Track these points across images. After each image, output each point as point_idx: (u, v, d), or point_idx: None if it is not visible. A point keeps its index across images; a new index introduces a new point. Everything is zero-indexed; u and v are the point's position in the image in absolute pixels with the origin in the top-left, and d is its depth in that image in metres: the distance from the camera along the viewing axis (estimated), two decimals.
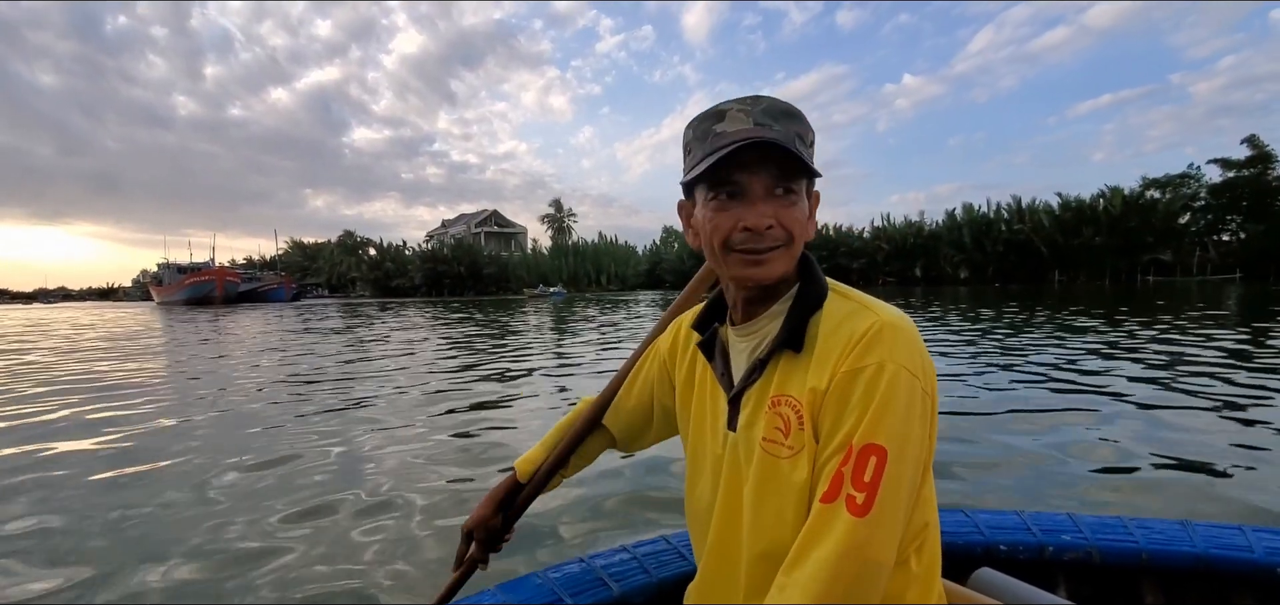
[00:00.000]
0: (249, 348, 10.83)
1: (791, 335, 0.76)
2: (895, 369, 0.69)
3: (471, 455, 3.58)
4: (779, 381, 0.77)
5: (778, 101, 0.77)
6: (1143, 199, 45.87)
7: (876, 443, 0.67)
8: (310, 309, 29.63)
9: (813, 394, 0.73)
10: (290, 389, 6.11)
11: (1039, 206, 49.93)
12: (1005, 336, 9.23)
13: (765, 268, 0.76)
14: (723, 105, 0.78)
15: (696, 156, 0.78)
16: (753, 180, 0.74)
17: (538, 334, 12.41)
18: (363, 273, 72.39)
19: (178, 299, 51.81)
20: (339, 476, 3.18)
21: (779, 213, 0.75)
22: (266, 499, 2.86)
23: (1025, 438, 3.65)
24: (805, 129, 0.77)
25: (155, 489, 3.06)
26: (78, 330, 16.94)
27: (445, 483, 3.06)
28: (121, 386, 6.51)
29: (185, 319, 21.94)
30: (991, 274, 49.60)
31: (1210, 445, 3.39)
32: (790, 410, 0.75)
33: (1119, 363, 6.41)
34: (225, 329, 15.80)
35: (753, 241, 0.75)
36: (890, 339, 0.70)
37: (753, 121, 0.74)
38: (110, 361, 8.98)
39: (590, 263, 70.69)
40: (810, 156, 0.77)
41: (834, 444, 0.70)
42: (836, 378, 0.71)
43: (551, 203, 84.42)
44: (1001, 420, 4.10)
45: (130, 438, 4.17)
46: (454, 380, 6.39)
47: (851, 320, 0.74)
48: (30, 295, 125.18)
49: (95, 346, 11.72)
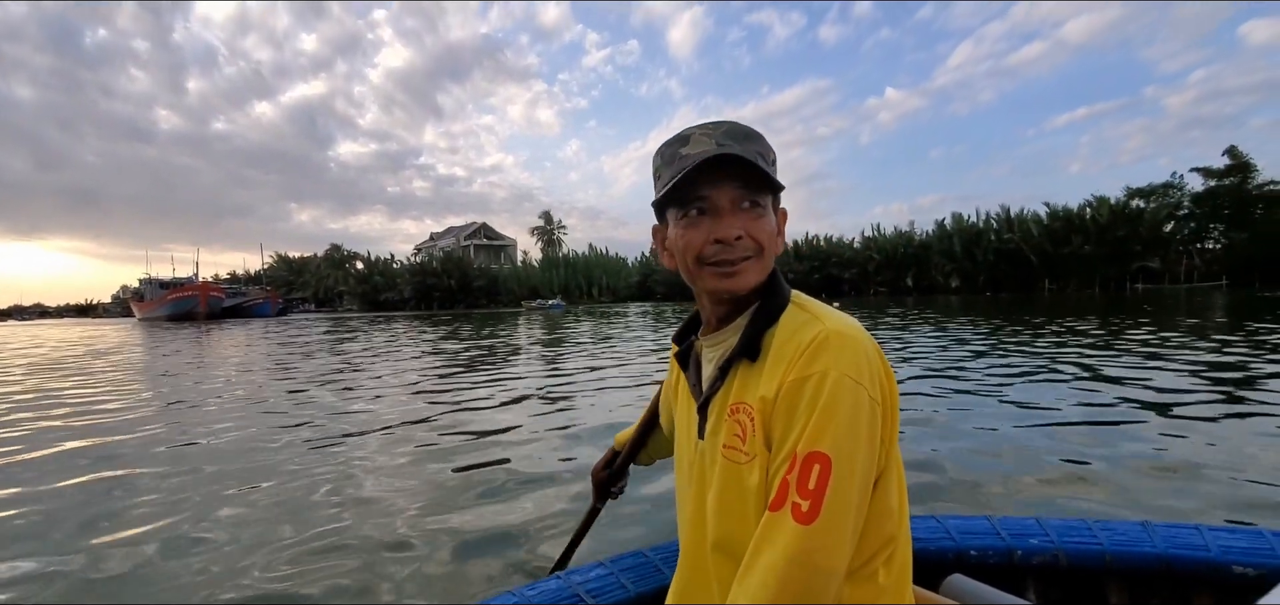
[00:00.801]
0: (231, 365, 10.30)
1: (748, 344, 0.81)
2: (838, 377, 0.71)
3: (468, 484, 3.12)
4: (737, 389, 0.81)
5: (738, 125, 0.82)
6: (1128, 208, 46.51)
7: (820, 450, 0.69)
8: (296, 324, 28.94)
9: (763, 401, 0.76)
10: (278, 411, 5.62)
11: (1027, 216, 50.44)
12: (1024, 345, 9.00)
13: (738, 278, 0.81)
14: (687, 131, 0.83)
15: (665, 179, 0.83)
16: (719, 195, 0.80)
17: (555, 350, 12.02)
18: (350, 287, 71.41)
19: (160, 315, 50.69)
20: (350, 511, 2.81)
21: (748, 225, 0.80)
22: (245, 538, 2.51)
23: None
24: (766, 149, 0.82)
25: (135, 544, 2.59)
26: (50, 348, 16.29)
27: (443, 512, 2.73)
28: (92, 408, 6.00)
29: (167, 336, 21.25)
30: (983, 283, 49.91)
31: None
32: (745, 417, 0.78)
33: (1151, 371, 6.18)
34: (208, 346, 15.22)
35: (724, 253, 0.80)
36: (836, 347, 0.73)
37: (715, 143, 0.79)
38: (78, 383, 8.48)
39: (582, 275, 70.35)
40: (773, 172, 0.82)
41: (782, 453, 0.72)
42: (784, 387, 0.74)
43: (541, 215, 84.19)
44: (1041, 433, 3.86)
45: (102, 463, 3.74)
46: (463, 409, 5.52)
47: (801, 331, 0.77)
48: (5, 312, 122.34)
49: (69, 365, 11.17)
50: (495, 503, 2.85)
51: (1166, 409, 4.33)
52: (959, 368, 6.69)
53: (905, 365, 7.15)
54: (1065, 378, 5.81)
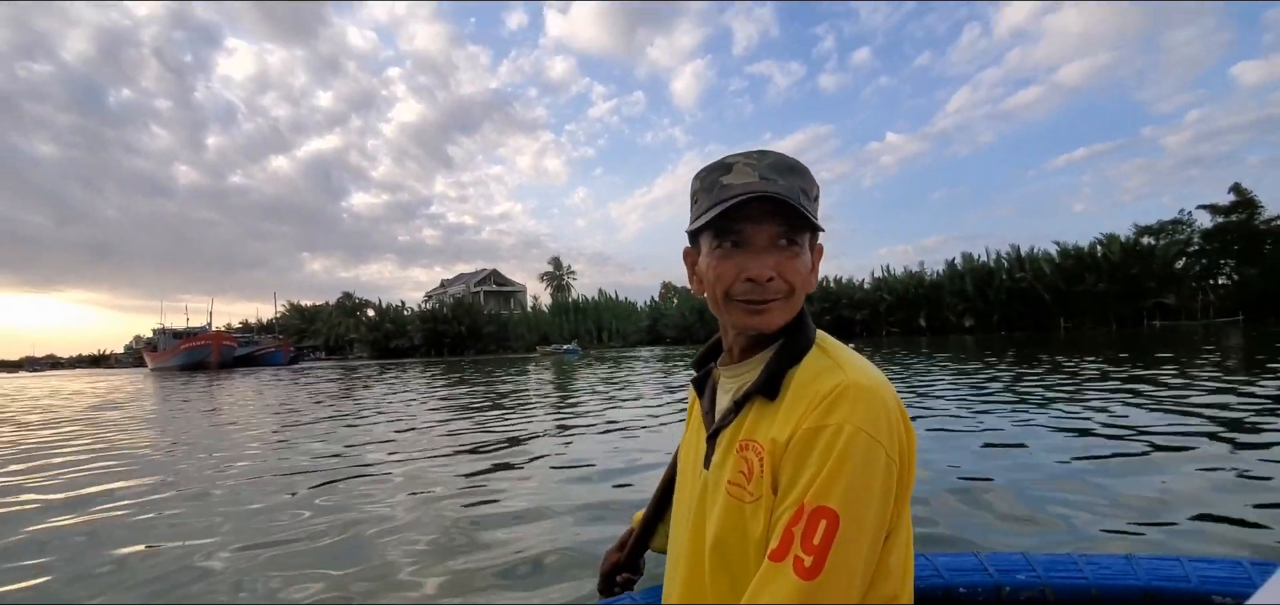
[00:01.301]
0: (238, 414, 10.24)
1: (768, 382, 0.78)
2: (854, 431, 0.68)
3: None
4: (749, 426, 0.79)
5: (784, 157, 0.80)
6: (1139, 245, 46.39)
7: (828, 506, 0.66)
8: (307, 373, 28.92)
9: (774, 444, 0.73)
10: (283, 460, 5.46)
11: (1038, 255, 50.37)
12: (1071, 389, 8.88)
13: (766, 317, 0.79)
14: (730, 158, 0.80)
15: (702, 206, 0.80)
16: (757, 231, 0.77)
17: (578, 397, 11.94)
18: (361, 334, 71.62)
19: (172, 365, 50.88)
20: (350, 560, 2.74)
21: (781, 265, 0.77)
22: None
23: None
24: (809, 184, 0.79)
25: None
26: (54, 400, 16.33)
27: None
28: (95, 458, 5.87)
29: (176, 385, 21.26)
30: (997, 322, 49.59)
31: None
32: (754, 456, 0.75)
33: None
34: (216, 395, 15.19)
35: (754, 292, 0.78)
36: (855, 399, 0.70)
37: (758, 175, 0.77)
38: (75, 431, 8.46)
39: (592, 320, 70.38)
40: (814, 211, 0.79)
41: (788, 500, 0.69)
42: (798, 433, 0.71)
43: (550, 260, 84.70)
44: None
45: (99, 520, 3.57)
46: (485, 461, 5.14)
47: (822, 377, 0.74)
48: (16, 363, 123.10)
49: (72, 416, 11.17)
50: (502, 554, 2.71)
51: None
52: (1026, 405, 6.61)
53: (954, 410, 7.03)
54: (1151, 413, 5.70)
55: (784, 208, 0.75)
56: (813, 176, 0.80)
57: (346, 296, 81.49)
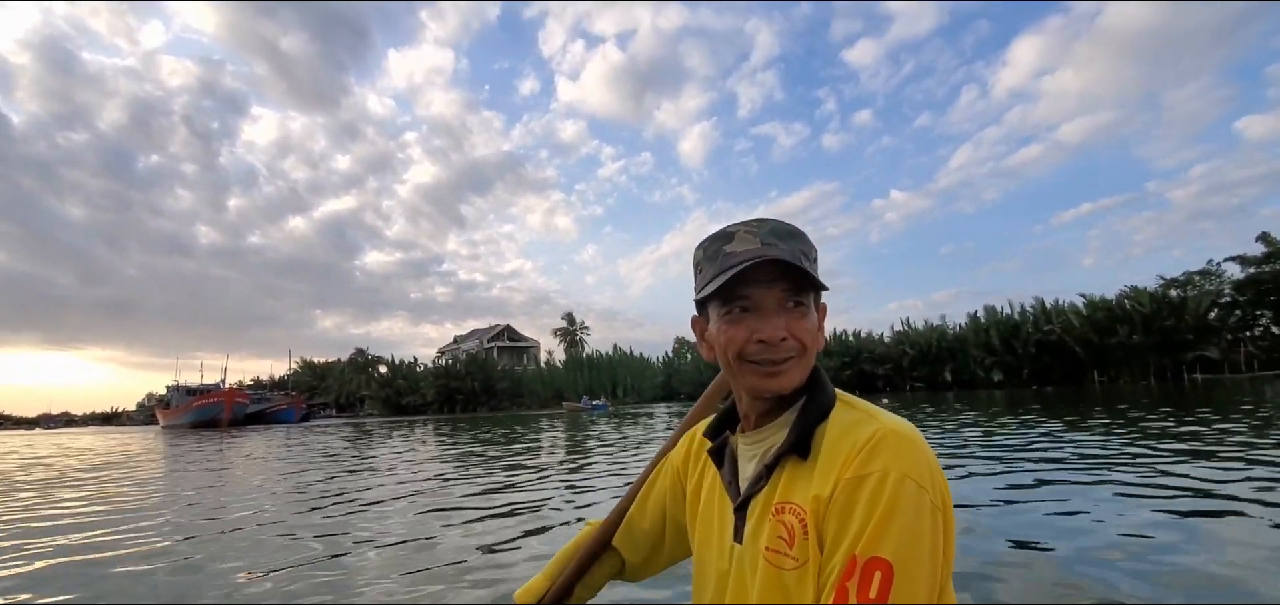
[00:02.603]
0: (247, 474, 9.39)
1: (799, 441, 0.76)
2: (899, 477, 0.66)
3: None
4: (784, 488, 0.76)
5: (782, 223, 0.81)
6: (1168, 297, 45.07)
7: (881, 557, 0.64)
8: (318, 431, 28.04)
9: (816, 501, 0.71)
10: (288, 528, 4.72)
11: (1065, 307, 49.07)
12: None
13: (781, 378, 0.78)
14: (730, 227, 0.82)
15: (707, 274, 0.81)
16: (765, 294, 0.78)
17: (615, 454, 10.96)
18: (373, 391, 70.88)
19: (184, 422, 50.22)
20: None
21: (791, 325, 0.78)
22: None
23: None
24: (809, 247, 0.81)
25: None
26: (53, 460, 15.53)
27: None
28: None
29: (186, 444, 20.44)
30: (1027, 376, 47.95)
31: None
32: (794, 518, 0.73)
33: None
34: (223, 456, 14.33)
35: (767, 353, 0.78)
36: (893, 446, 0.69)
37: (759, 241, 0.78)
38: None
39: (606, 375, 69.29)
40: (815, 271, 0.81)
41: (838, 555, 0.67)
42: (840, 485, 0.69)
43: (564, 316, 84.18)
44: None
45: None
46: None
47: (856, 429, 0.73)
48: (32, 420, 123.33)
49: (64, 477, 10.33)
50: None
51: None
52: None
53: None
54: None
55: (789, 269, 0.76)
56: (810, 239, 0.82)
57: (359, 353, 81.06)
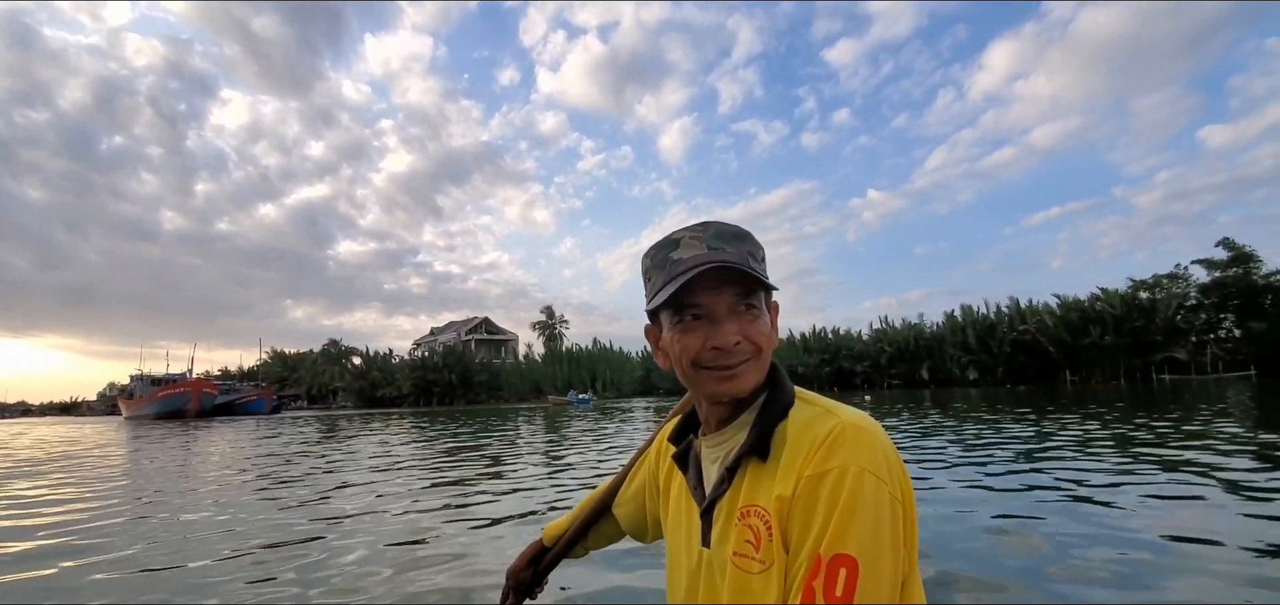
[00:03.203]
0: (207, 469, 8.85)
1: (758, 442, 0.77)
2: (858, 472, 0.67)
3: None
4: (747, 491, 0.76)
5: (726, 225, 0.81)
6: (1138, 299, 46.10)
7: (846, 553, 0.64)
8: (289, 423, 27.17)
9: (780, 501, 0.71)
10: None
11: (1039, 307, 49.96)
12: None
13: (737, 381, 0.78)
14: (676, 234, 0.82)
15: (657, 284, 0.81)
16: (715, 301, 0.77)
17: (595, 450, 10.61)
18: (347, 382, 69.48)
19: (148, 413, 48.59)
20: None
21: (744, 329, 0.77)
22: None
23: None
24: (755, 248, 0.81)
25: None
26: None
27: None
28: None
29: (151, 435, 19.59)
30: (1002, 375, 48.73)
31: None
32: (759, 521, 0.73)
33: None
34: (190, 449, 13.68)
35: (722, 359, 0.77)
36: (852, 440, 0.69)
37: (706, 246, 0.78)
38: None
39: (585, 369, 68.81)
40: (763, 272, 0.80)
41: (803, 553, 0.67)
42: (801, 482, 0.69)
43: (543, 310, 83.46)
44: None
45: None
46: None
47: (814, 424, 0.73)
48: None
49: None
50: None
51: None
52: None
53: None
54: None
55: (737, 274, 0.76)
56: (757, 240, 0.82)
57: (332, 343, 79.46)
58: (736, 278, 0.76)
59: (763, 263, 0.81)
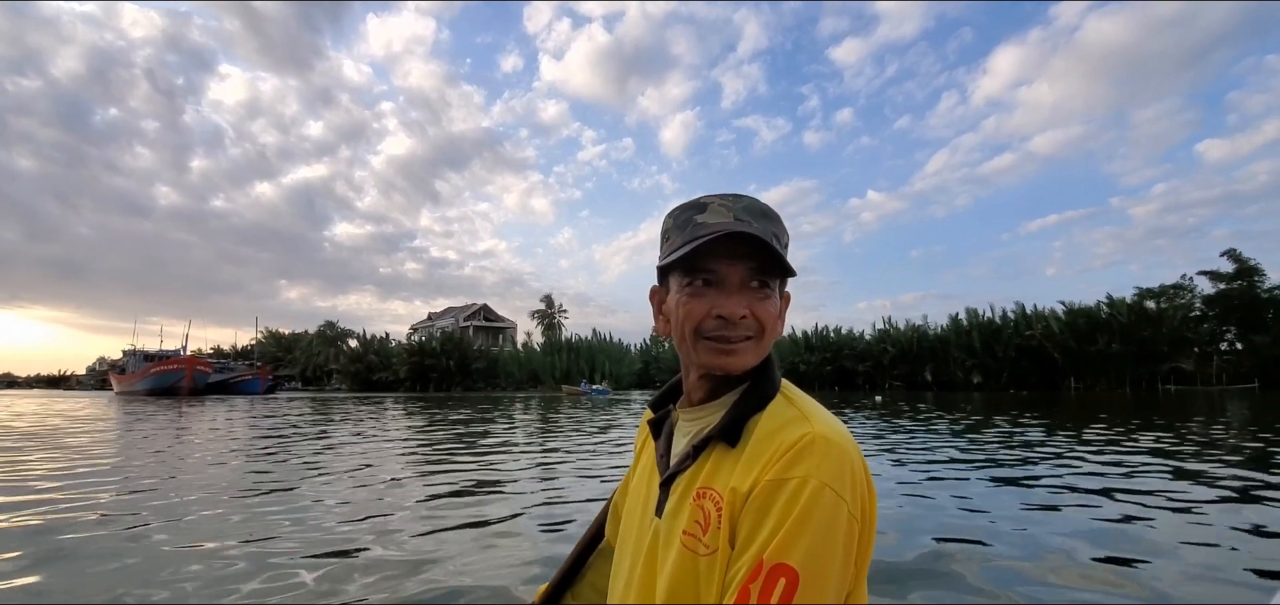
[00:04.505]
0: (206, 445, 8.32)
1: (729, 428, 0.75)
2: (818, 486, 0.65)
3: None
4: (708, 473, 0.75)
5: (757, 202, 0.79)
6: (1144, 308, 45.99)
7: (789, 563, 0.63)
8: (284, 403, 26.50)
9: (734, 494, 0.70)
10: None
11: (1046, 313, 49.76)
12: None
13: (735, 357, 0.77)
14: (705, 198, 0.80)
15: (675, 243, 0.79)
16: (730, 270, 0.76)
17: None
18: (342, 365, 68.58)
19: (140, 389, 47.63)
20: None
21: (753, 304, 0.76)
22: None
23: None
24: (781, 231, 0.79)
25: None
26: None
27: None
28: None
29: (143, 411, 18.92)
30: (1006, 379, 48.51)
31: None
32: (712, 505, 0.72)
33: None
34: (183, 425, 13.08)
35: (725, 329, 0.76)
36: (821, 453, 0.67)
37: (733, 216, 0.76)
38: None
39: (584, 359, 68.19)
40: (785, 255, 0.79)
41: (747, 555, 0.66)
42: (759, 484, 0.68)
43: (542, 299, 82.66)
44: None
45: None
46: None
47: (787, 428, 0.71)
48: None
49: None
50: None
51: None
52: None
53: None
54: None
55: (758, 248, 0.75)
56: (784, 224, 0.80)
57: (328, 325, 78.44)
58: (757, 252, 0.75)
59: (786, 248, 0.80)
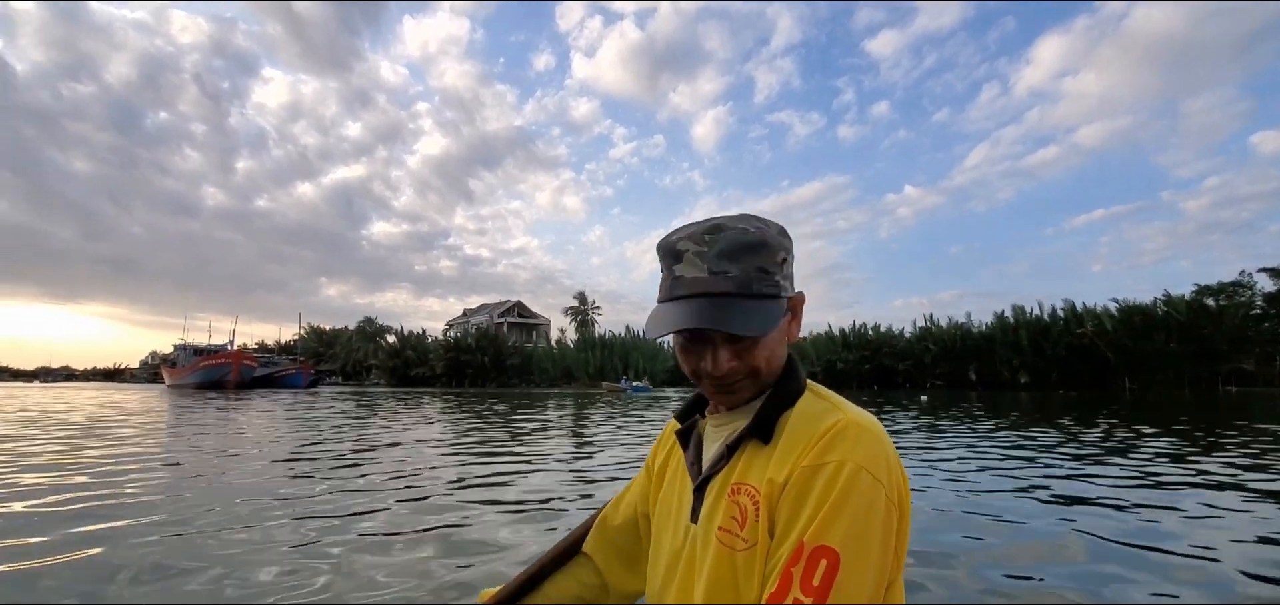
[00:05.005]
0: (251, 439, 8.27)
1: (760, 424, 0.76)
2: (855, 469, 0.66)
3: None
4: (742, 469, 0.76)
5: (739, 234, 0.75)
6: (1203, 306, 43.86)
7: (829, 545, 0.63)
8: (326, 397, 26.97)
9: (771, 485, 0.71)
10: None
11: (1097, 311, 47.85)
12: None
13: (734, 395, 0.79)
14: (680, 244, 0.77)
15: (660, 292, 0.80)
16: (713, 333, 0.75)
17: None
18: (381, 360, 69.89)
19: (190, 382, 49.19)
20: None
21: (744, 356, 0.76)
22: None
23: None
24: (769, 256, 0.76)
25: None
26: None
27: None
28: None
29: (192, 404, 19.39)
30: (1055, 379, 46.79)
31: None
32: (748, 499, 0.73)
33: None
34: (233, 417, 13.25)
35: (723, 381, 0.77)
36: (853, 437, 0.69)
37: (707, 268, 0.74)
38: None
39: (618, 357, 68.15)
40: (778, 278, 0.77)
41: (788, 541, 0.66)
42: (795, 473, 0.69)
43: (576, 296, 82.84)
44: None
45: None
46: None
47: (819, 418, 0.73)
48: (31, 373, 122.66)
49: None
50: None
51: None
52: None
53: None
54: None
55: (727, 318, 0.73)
56: (777, 242, 0.77)
57: (368, 322, 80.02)
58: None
59: (782, 266, 0.77)
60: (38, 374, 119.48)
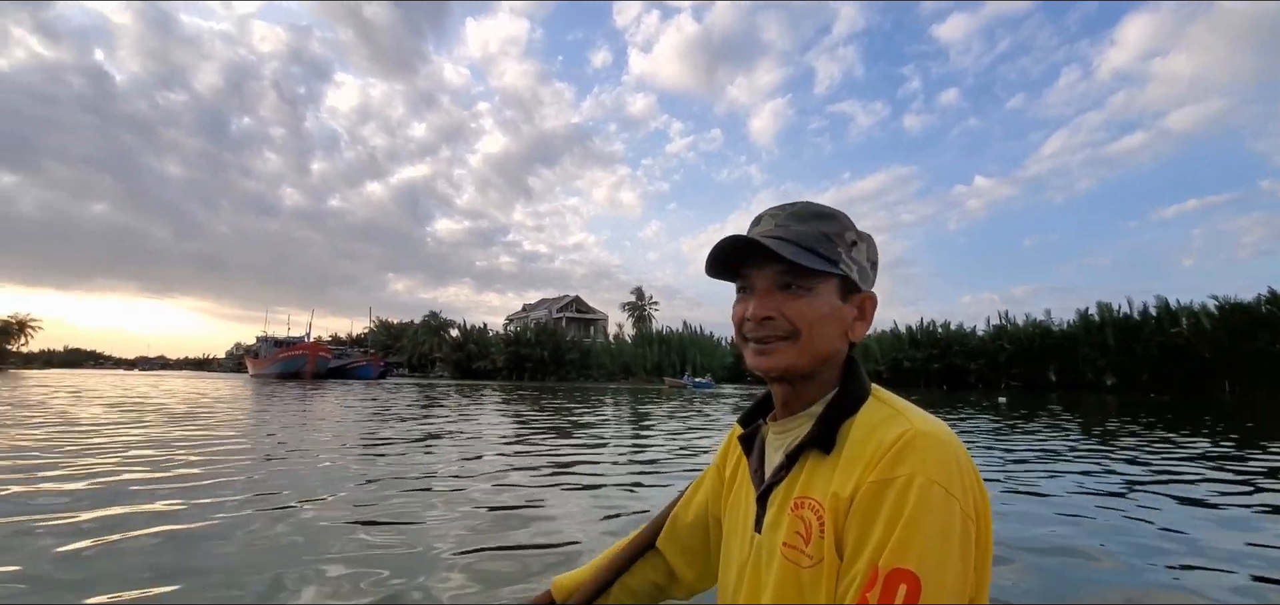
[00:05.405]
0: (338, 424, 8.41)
1: (822, 434, 0.74)
2: (927, 483, 0.62)
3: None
4: (804, 481, 0.74)
5: (812, 205, 0.79)
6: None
7: (906, 567, 0.60)
8: (394, 388, 27.81)
9: (835, 499, 0.68)
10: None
11: (1196, 308, 44.31)
12: None
13: (770, 358, 0.77)
14: (762, 214, 0.81)
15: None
16: (759, 274, 0.78)
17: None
18: (445, 353, 72.00)
19: (270, 372, 52.02)
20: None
21: (784, 305, 0.75)
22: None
23: None
24: (837, 231, 0.77)
25: None
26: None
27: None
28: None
29: (272, 392, 20.30)
30: (1146, 381, 43.64)
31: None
32: (812, 514, 0.70)
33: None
34: (313, 405, 13.68)
35: (757, 331, 0.77)
36: (923, 449, 0.64)
37: (776, 224, 0.77)
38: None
39: (676, 353, 67.94)
40: (841, 251, 0.76)
41: (859, 564, 0.63)
42: (862, 488, 0.65)
43: (633, 291, 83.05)
44: None
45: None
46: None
47: (883, 426, 0.69)
48: (131, 362, 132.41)
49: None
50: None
51: None
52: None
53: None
54: None
55: (769, 254, 0.74)
56: (850, 225, 0.79)
57: (432, 316, 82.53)
58: (774, 255, 0.73)
59: (853, 247, 0.77)
60: (137, 362, 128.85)
